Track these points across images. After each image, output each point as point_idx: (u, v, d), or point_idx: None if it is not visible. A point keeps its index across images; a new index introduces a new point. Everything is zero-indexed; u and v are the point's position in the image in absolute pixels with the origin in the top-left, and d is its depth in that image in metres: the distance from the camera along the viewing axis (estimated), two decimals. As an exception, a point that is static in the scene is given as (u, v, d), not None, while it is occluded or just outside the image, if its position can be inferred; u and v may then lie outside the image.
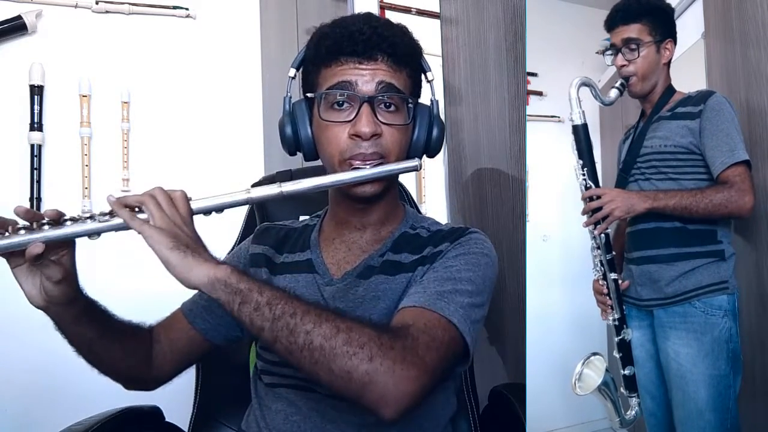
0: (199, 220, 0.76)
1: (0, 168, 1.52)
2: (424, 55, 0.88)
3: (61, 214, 0.71)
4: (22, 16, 1.52)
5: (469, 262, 0.80)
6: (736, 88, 1.00)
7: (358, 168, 0.79)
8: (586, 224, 1.05)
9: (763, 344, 0.96)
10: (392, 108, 0.81)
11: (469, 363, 0.79)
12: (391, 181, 0.86)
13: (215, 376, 1.15)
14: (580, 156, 1.06)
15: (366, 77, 0.79)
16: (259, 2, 1.81)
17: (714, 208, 0.94)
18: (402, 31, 0.84)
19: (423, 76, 0.88)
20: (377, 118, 0.79)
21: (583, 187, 1.06)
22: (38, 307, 0.73)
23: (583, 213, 1.06)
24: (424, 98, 0.89)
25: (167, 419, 1.09)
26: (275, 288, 0.67)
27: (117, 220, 0.69)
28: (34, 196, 1.53)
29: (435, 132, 0.87)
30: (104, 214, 0.70)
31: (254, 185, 1.25)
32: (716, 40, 1.04)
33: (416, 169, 0.81)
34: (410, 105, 0.83)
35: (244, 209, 1.26)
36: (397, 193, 0.93)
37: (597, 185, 1.05)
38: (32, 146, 1.52)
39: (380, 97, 0.80)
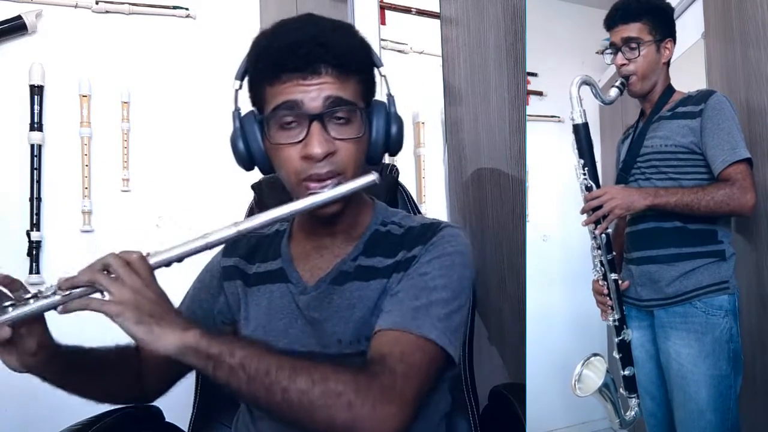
0: (198, 221, 0.75)
1: (0, 168, 1.52)
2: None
3: (20, 286, 0.70)
4: (22, 16, 1.52)
5: (443, 266, 0.79)
6: (736, 88, 1.00)
7: (315, 192, 0.75)
8: (586, 223, 1.05)
9: (764, 344, 0.96)
10: (343, 120, 0.77)
11: (456, 369, 0.80)
12: (353, 196, 0.82)
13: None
14: (581, 155, 1.05)
15: (312, 94, 0.74)
16: (259, 2, 1.81)
17: (716, 206, 0.93)
18: (346, 33, 0.80)
19: (376, 71, 0.84)
20: (329, 134, 0.75)
21: (583, 187, 1.05)
22: (19, 372, 0.73)
23: (583, 212, 1.05)
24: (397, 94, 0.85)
25: (167, 419, 1.09)
26: (246, 345, 0.67)
27: (80, 294, 0.67)
28: (34, 196, 1.53)
29: (393, 130, 0.83)
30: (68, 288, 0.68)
31: (253, 186, 1.27)
32: (716, 40, 1.04)
33: (375, 182, 0.76)
34: (362, 113, 0.79)
35: (245, 208, 1.26)
36: (362, 195, 0.89)
37: (598, 185, 1.05)
38: (32, 146, 1.52)
39: (329, 113, 0.75)
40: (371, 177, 0.76)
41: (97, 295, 0.67)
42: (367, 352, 0.74)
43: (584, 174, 1.05)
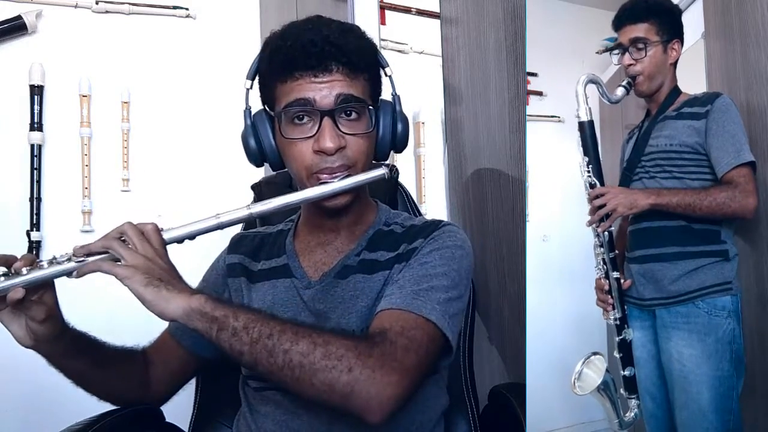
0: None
1: (0, 168, 1.52)
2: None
3: (35, 260, 0.72)
4: (22, 16, 1.52)
5: (444, 256, 0.81)
6: (736, 88, 1.00)
7: (326, 182, 0.79)
8: (590, 222, 1.05)
9: (763, 345, 0.96)
10: (353, 116, 0.80)
11: (453, 356, 0.80)
12: (360, 188, 0.86)
13: (215, 377, 1.15)
14: (585, 153, 1.05)
15: (323, 92, 0.78)
16: (259, 2, 1.81)
17: (717, 207, 0.94)
18: (355, 34, 0.83)
19: (382, 72, 0.87)
20: (340, 130, 0.79)
21: (587, 185, 1.05)
22: (27, 347, 0.75)
23: (590, 213, 1.05)
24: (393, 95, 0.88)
25: (167, 419, 1.09)
26: (250, 311, 0.68)
27: (94, 260, 0.70)
28: (34, 196, 1.53)
29: (399, 128, 0.87)
30: (81, 255, 0.70)
31: (253, 186, 1.27)
32: (716, 40, 1.04)
33: (383, 177, 0.81)
34: (371, 110, 0.83)
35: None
36: (367, 193, 0.93)
37: (601, 182, 1.05)
38: (32, 146, 1.52)
39: (340, 109, 0.79)
40: (381, 171, 0.81)
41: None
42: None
43: (588, 171, 1.05)
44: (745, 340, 0.96)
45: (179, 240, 0.74)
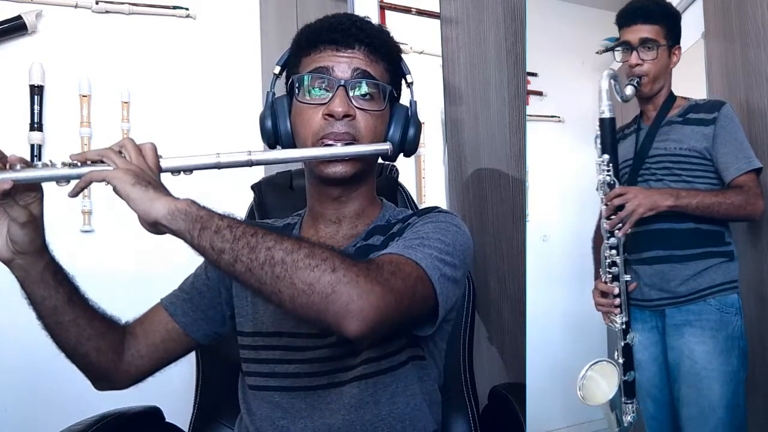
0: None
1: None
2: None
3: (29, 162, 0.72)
4: (22, 16, 1.52)
5: (439, 227, 0.80)
6: (736, 88, 1.00)
7: (330, 145, 0.81)
8: (611, 225, 1.02)
9: (763, 344, 0.96)
10: (367, 96, 0.83)
11: (437, 324, 0.76)
12: (364, 169, 0.86)
13: (215, 377, 1.15)
14: (605, 150, 1.03)
15: (343, 64, 0.83)
16: (259, 2, 1.81)
17: (734, 210, 0.96)
18: (381, 30, 0.88)
19: (403, 80, 0.91)
20: (351, 103, 0.82)
21: (605, 184, 1.03)
22: (4, 261, 0.73)
23: (607, 214, 1.03)
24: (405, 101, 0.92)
25: (167, 419, 1.09)
26: (236, 217, 0.68)
27: (87, 168, 0.69)
28: (34, 196, 1.53)
29: (411, 131, 0.89)
30: (75, 163, 0.71)
31: (253, 186, 1.27)
32: (716, 40, 1.04)
33: (387, 152, 0.83)
34: (385, 92, 0.85)
35: (245, 209, 1.27)
36: (374, 188, 0.94)
37: (619, 182, 1.04)
38: (32, 146, 1.52)
39: (355, 83, 0.82)
40: (386, 145, 0.83)
41: None
42: None
43: (608, 170, 1.03)
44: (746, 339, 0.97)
45: (175, 170, 0.76)
